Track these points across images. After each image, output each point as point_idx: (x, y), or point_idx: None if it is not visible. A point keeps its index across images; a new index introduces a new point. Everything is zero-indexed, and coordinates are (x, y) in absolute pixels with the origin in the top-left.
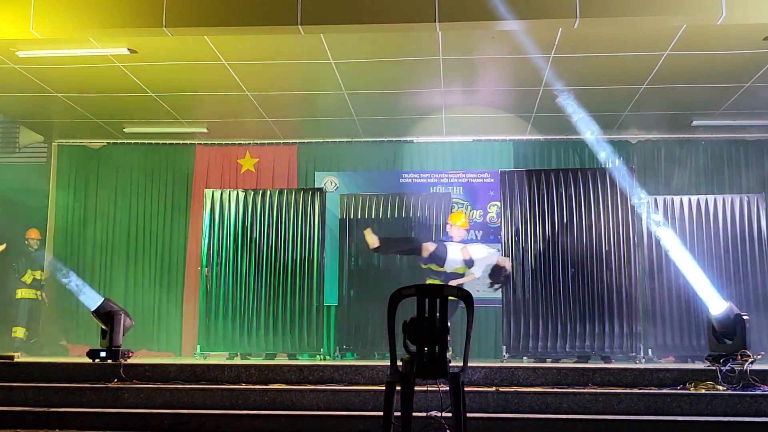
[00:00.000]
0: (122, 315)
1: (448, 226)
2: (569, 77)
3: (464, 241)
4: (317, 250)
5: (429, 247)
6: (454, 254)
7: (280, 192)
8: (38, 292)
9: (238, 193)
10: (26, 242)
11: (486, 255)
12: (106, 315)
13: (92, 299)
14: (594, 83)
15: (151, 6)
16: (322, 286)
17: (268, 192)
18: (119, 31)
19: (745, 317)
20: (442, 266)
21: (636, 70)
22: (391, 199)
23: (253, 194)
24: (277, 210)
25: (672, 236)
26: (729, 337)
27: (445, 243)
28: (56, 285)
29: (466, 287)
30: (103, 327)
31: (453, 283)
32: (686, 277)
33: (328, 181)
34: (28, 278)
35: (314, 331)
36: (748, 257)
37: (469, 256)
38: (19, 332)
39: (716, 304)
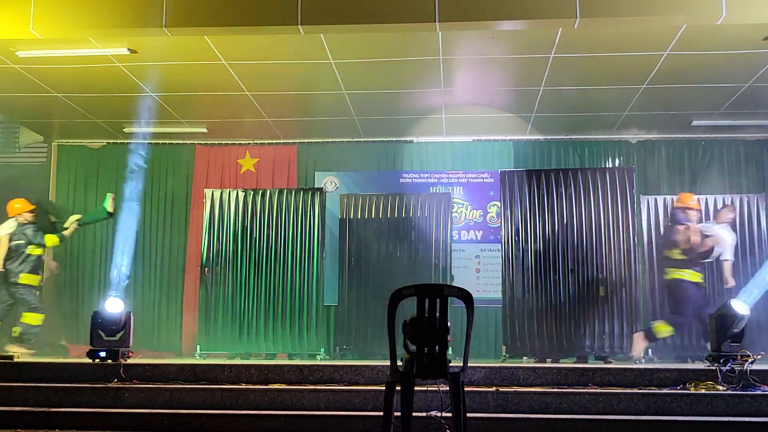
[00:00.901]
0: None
1: (682, 212)
2: (569, 77)
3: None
4: (317, 250)
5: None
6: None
7: (280, 192)
8: (39, 278)
9: (238, 193)
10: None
11: (722, 234)
12: (125, 315)
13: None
14: (594, 83)
15: (151, 6)
16: (322, 286)
17: (268, 192)
18: (119, 31)
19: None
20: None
21: (636, 70)
22: (391, 199)
23: (253, 194)
24: (277, 210)
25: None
26: (738, 339)
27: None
28: (56, 284)
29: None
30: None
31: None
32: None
33: (328, 181)
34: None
35: (314, 331)
36: (748, 257)
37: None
38: (37, 319)
39: (744, 305)
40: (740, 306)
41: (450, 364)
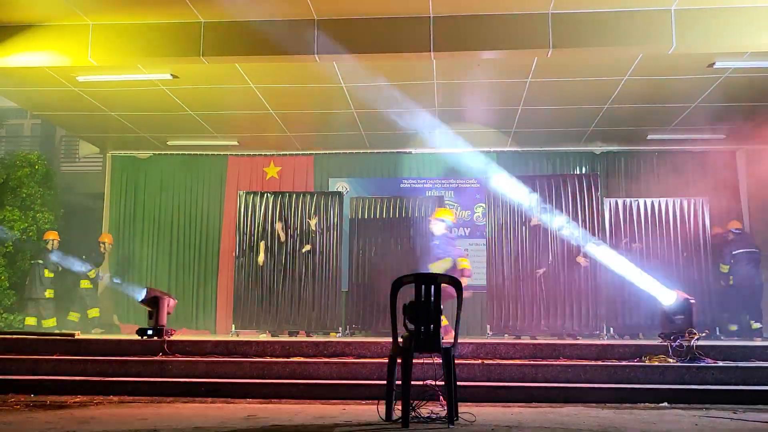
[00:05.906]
0: (165, 299)
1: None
2: (543, 98)
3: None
4: (335, 244)
5: None
6: None
7: (305, 194)
8: (90, 283)
9: (266, 195)
10: (100, 245)
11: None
12: (151, 300)
13: (138, 292)
14: (564, 103)
15: (190, 38)
16: (340, 275)
17: (294, 194)
18: (163, 59)
19: (691, 301)
20: None
21: (600, 92)
22: (392, 201)
23: (281, 196)
24: (301, 210)
25: (606, 251)
26: (678, 319)
27: None
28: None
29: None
30: (150, 310)
31: None
32: (632, 282)
33: (340, 186)
34: (92, 273)
35: (331, 313)
36: (694, 250)
37: None
38: (95, 312)
39: (666, 297)
40: (667, 298)
41: (442, 341)
